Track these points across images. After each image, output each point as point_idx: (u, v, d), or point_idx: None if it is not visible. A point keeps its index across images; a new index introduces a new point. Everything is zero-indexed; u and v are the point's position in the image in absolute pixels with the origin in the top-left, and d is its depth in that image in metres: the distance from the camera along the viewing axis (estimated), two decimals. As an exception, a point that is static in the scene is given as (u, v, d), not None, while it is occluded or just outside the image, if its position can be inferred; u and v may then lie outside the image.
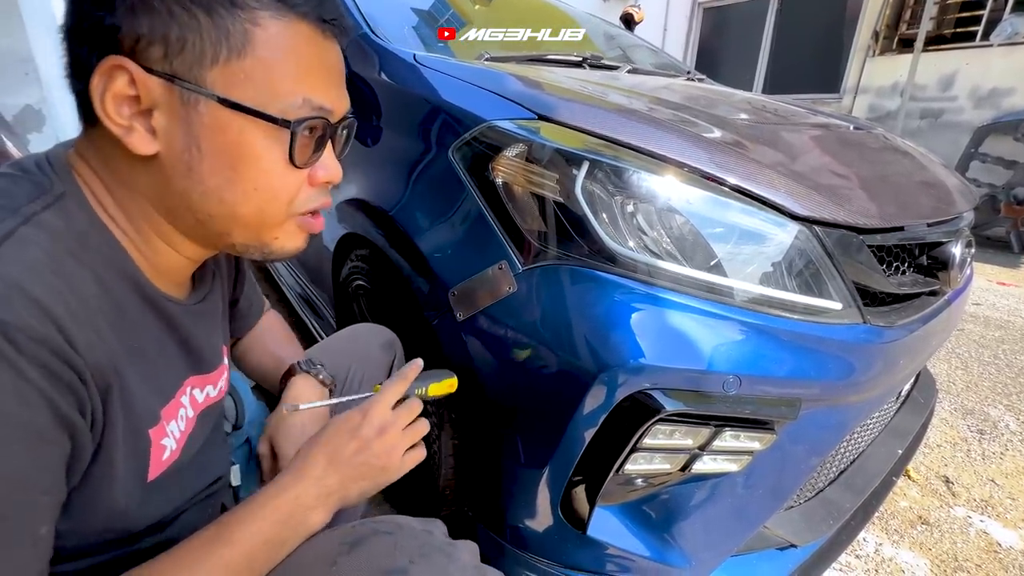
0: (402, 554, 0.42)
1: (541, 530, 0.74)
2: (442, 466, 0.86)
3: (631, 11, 4.69)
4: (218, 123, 0.36)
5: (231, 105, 0.36)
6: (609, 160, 0.68)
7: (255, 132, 0.37)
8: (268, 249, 0.43)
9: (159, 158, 0.36)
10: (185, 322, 0.44)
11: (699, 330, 0.64)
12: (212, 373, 0.50)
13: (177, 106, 0.35)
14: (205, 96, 0.35)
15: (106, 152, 0.37)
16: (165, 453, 0.43)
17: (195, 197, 0.38)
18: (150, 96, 0.35)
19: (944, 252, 0.86)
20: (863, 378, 0.72)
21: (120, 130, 0.35)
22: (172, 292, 0.44)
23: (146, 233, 0.40)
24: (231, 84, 0.36)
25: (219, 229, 0.40)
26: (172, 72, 0.35)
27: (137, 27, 0.33)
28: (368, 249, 1.02)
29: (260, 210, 0.40)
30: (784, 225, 0.68)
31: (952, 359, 1.98)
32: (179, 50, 0.34)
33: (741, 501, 0.73)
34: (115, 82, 0.34)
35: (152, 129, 0.36)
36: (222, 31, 0.35)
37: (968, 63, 4.15)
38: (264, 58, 0.36)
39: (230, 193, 0.38)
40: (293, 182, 0.41)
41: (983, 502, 1.24)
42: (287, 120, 0.38)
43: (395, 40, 1.09)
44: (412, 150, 0.90)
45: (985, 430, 1.53)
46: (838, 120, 1.22)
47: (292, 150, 0.39)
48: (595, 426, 0.65)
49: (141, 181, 0.38)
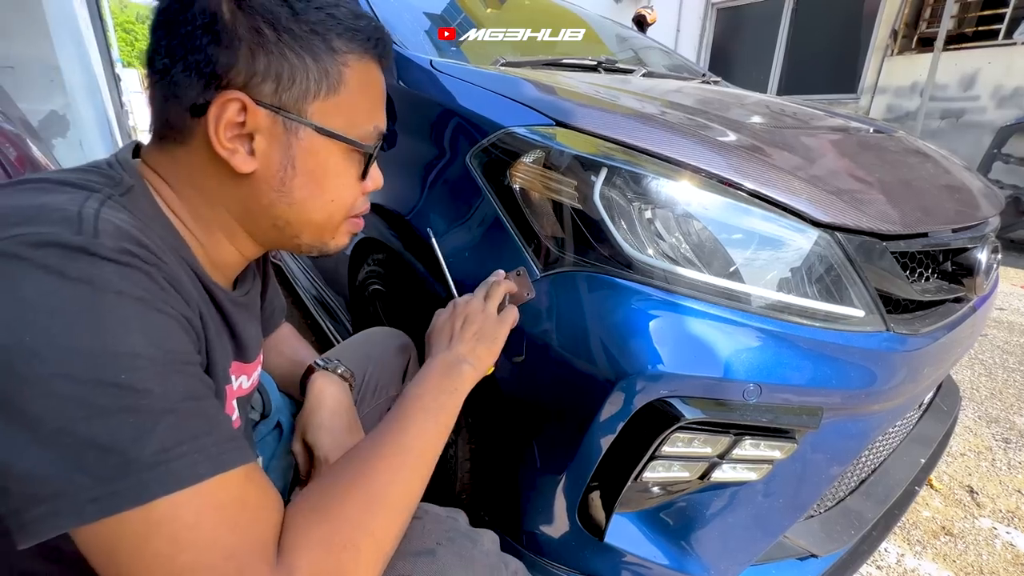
0: (430, 537, 0.46)
1: (558, 536, 0.74)
2: (458, 470, 0.87)
3: (644, 12, 4.67)
4: (312, 147, 0.43)
5: (327, 134, 0.43)
6: (627, 166, 0.68)
7: (339, 154, 0.45)
8: (325, 248, 0.50)
9: (253, 175, 0.42)
10: (232, 310, 0.47)
11: (719, 337, 0.63)
12: (251, 364, 0.53)
13: (279, 133, 0.41)
14: (306, 126, 0.42)
15: (189, 166, 0.42)
16: (234, 415, 0.47)
17: (281, 207, 0.44)
18: (255, 123, 0.40)
19: (969, 258, 0.84)
20: (886, 387, 0.71)
21: (226, 152, 0.40)
22: (221, 284, 0.47)
23: (213, 232, 0.45)
24: (327, 116, 0.43)
25: (292, 232, 0.47)
26: (280, 105, 0.41)
27: (253, 65, 0.39)
28: (385, 253, 1.03)
29: (330, 217, 0.47)
30: (805, 231, 0.67)
31: (976, 365, 1.93)
32: (289, 87, 0.41)
33: (761, 510, 0.72)
34: (227, 111, 0.39)
35: (251, 150, 0.41)
36: (322, 72, 0.42)
37: (990, 62, 4.06)
38: (352, 94, 0.44)
39: (312, 203, 0.45)
40: (357, 193, 0.49)
41: (1009, 513, 1.21)
42: (368, 146, 0.46)
43: (412, 46, 1.10)
44: (429, 155, 0.90)
45: (1011, 439, 1.49)
46: (857, 123, 1.20)
47: (366, 169, 0.48)
48: (613, 433, 0.65)
49: (229, 193, 0.43)
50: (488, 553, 0.48)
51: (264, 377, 0.72)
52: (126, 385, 0.30)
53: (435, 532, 0.47)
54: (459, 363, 0.56)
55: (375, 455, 0.43)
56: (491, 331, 0.61)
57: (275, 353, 0.74)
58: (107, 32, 5.24)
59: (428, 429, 0.48)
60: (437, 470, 0.56)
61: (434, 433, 0.48)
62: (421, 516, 0.49)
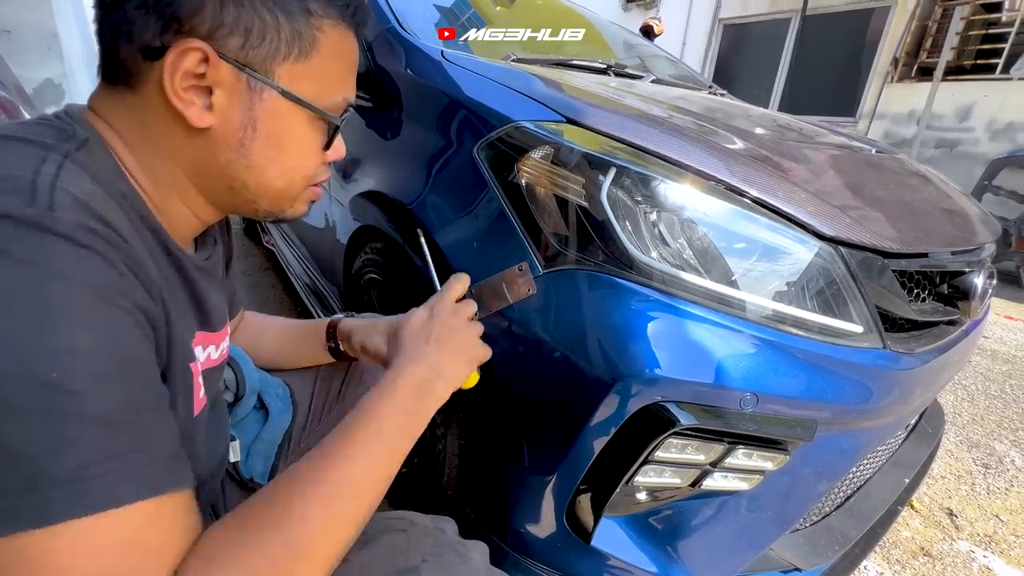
0: (415, 552, 0.43)
1: (544, 537, 0.73)
2: (446, 466, 0.85)
3: (651, 23, 4.69)
4: (276, 110, 0.40)
5: (293, 99, 0.40)
6: (636, 167, 0.67)
7: (304, 121, 0.42)
8: (283, 214, 0.48)
9: (209, 131, 0.39)
10: (195, 276, 0.45)
11: (719, 345, 0.63)
12: (217, 333, 0.51)
13: (242, 90, 0.39)
14: (272, 87, 0.39)
15: (141, 114, 0.38)
16: (200, 392, 0.45)
17: (238, 169, 0.41)
18: (216, 77, 0.37)
19: (966, 281, 0.85)
20: (880, 404, 0.71)
21: (181, 103, 0.37)
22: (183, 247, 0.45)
23: (166, 192, 0.41)
24: (295, 80, 0.40)
25: (249, 196, 0.44)
26: (246, 61, 0.38)
27: (221, 16, 0.36)
28: (383, 242, 1.02)
29: (290, 184, 0.45)
30: (809, 244, 0.67)
31: (958, 390, 1.96)
32: (257, 44, 0.38)
33: (749, 521, 0.72)
34: (187, 60, 0.36)
35: (209, 105, 0.38)
36: (295, 33, 0.39)
37: (987, 95, 4.15)
38: (323, 61, 0.41)
39: (271, 168, 0.42)
40: (318, 162, 0.46)
41: (987, 537, 1.22)
42: (335, 116, 0.44)
43: (422, 36, 1.09)
44: (435, 145, 0.89)
45: (991, 464, 1.51)
46: (860, 142, 1.21)
47: (331, 139, 0.45)
48: (607, 436, 0.64)
49: (181, 147, 0.40)
50: (477, 569, 0.45)
51: (239, 354, 0.70)
52: (55, 385, 0.26)
53: (421, 547, 0.44)
54: (433, 378, 0.49)
55: (311, 489, 0.37)
56: (473, 345, 0.55)
57: (270, 329, 0.72)
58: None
59: (379, 460, 0.42)
60: (424, 464, 0.55)
61: (386, 464, 0.42)
62: (406, 529, 0.46)
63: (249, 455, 0.66)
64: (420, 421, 0.47)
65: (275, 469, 0.67)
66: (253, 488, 0.65)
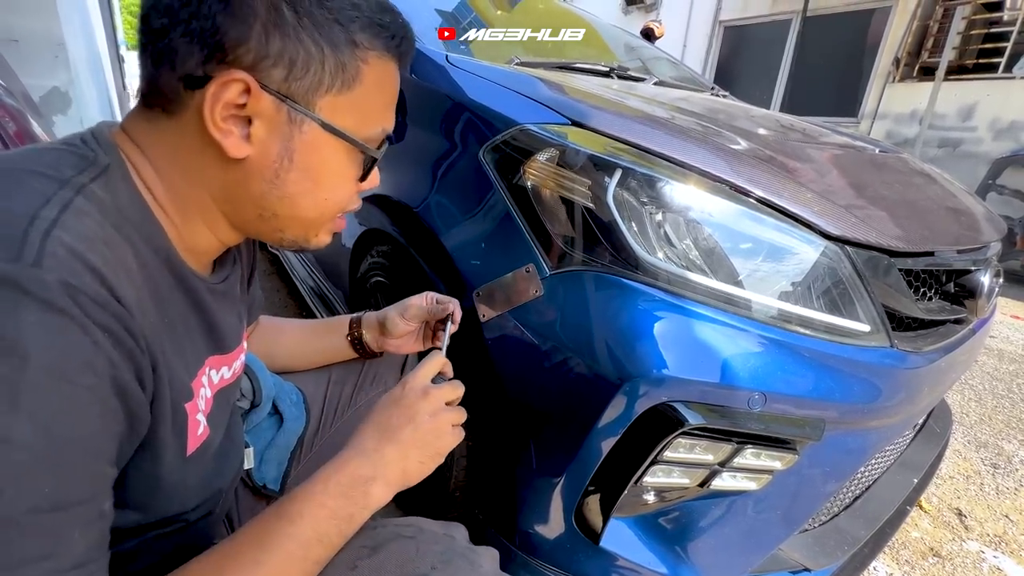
0: (424, 559, 0.42)
1: (552, 538, 0.73)
2: (454, 467, 0.86)
3: (652, 26, 4.71)
4: (315, 142, 0.40)
5: (334, 131, 0.40)
6: (642, 169, 0.68)
7: (341, 153, 0.42)
8: (306, 244, 0.46)
9: (245, 161, 0.38)
10: (208, 300, 0.45)
11: (726, 344, 0.63)
12: (230, 354, 0.51)
13: (282, 122, 0.38)
14: (312, 119, 0.39)
15: (174, 140, 0.38)
16: (200, 428, 0.44)
17: (270, 200, 0.41)
18: (256, 108, 0.37)
19: (972, 280, 0.85)
20: (888, 403, 0.71)
21: (219, 133, 0.36)
22: (198, 270, 0.45)
23: (191, 216, 0.41)
24: (336, 112, 0.40)
25: (277, 225, 0.43)
26: (288, 93, 0.37)
27: (266, 47, 0.36)
28: (390, 245, 1.02)
29: (321, 215, 0.44)
30: (815, 243, 0.67)
31: (965, 390, 1.95)
32: (300, 76, 0.37)
33: (758, 521, 0.71)
34: (229, 91, 0.35)
35: (247, 135, 0.38)
36: (339, 65, 0.38)
37: (989, 94, 4.14)
38: (366, 93, 0.41)
39: (304, 199, 0.42)
40: (353, 192, 0.46)
41: (997, 537, 1.21)
42: (373, 149, 0.43)
43: (427, 40, 1.10)
44: (440, 149, 0.90)
45: (999, 464, 1.50)
46: (863, 142, 1.21)
47: (367, 171, 0.45)
48: (615, 436, 0.64)
49: (213, 176, 0.39)
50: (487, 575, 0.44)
51: (254, 362, 0.70)
52: None
53: (430, 554, 0.43)
54: (372, 479, 0.43)
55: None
56: (439, 436, 0.48)
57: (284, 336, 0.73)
58: (113, 13, 5.21)
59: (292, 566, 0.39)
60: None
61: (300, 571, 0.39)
62: (415, 535, 0.45)
63: (262, 461, 0.66)
64: (348, 528, 0.42)
65: (287, 475, 0.67)
66: (266, 494, 0.66)
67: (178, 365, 0.39)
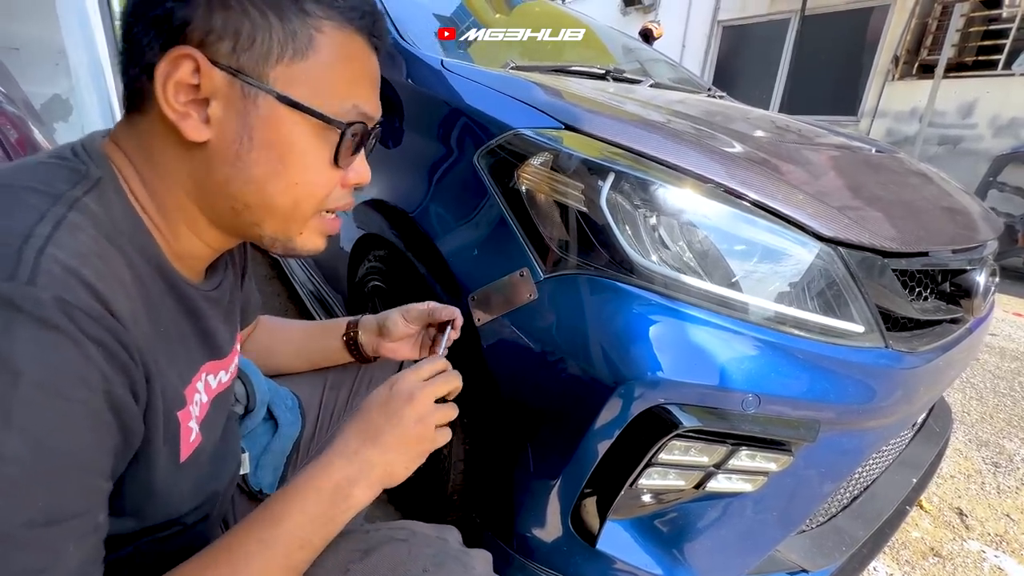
0: (416, 562, 0.42)
1: (549, 540, 0.73)
2: (451, 471, 0.86)
3: (650, 26, 4.71)
4: (273, 117, 0.38)
5: (289, 102, 0.38)
6: (635, 173, 0.68)
7: (306, 129, 0.39)
8: (292, 244, 0.44)
9: (206, 145, 0.38)
10: (202, 307, 0.45)
11: (719, 347, 0.63)
12: (225, 359, 0.51)
13: (236, 98, 0.37)
14: (265, 91, 0.37)
15: (148, 137, 0.38)
16: (192, 435, 0.44)
17: (236, 185, 0.39)
18: (211, 86, 0.36)
19: (968, 280, 0.85)
20: (883, 403, 0.71)
21: (176, 115, 0.36)
22: (190, 277, 0.45)
23: (174, 220, 0.41)
24: (291, 83, 0.38)
25: (252, 219, 0.41)
26: (238, 67, 0.36)
27: (210, 21, 0.35)
28: (386, 250, 1.03)
29: (296, 203, 0.41)
30: (809, 245, 0.67)
31: (967, 389, 1.94)
32: (247, 47, 0.36)
33: (754, 523, 0.72)
34: (180, 70, 0.35)
35: (206, 118, 0.37)
36: (289, 33, 0.37)
37: (989, 91, 4.14)
38: (323, 63, 0.39)
39: (272, 184, 0.40)
40: (330, 180, 0.43)
41: (998, 537, 1.21)
42: (340, 121, 0.40)
43: (423, 46, 1.11)
44: (436, 154, 0.91)
45: (1000, 463, 1.50)
46: (860, 142, 1.21)
47: (338, 150, 0.41)
48: (610, 439, 0.65)
49: (181, 167, 0.39)
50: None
51: (248, 367, 0.71)
52: None
53: (422, 557, 0.43)
54: (355, 480, 0.43)
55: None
56: (424, 437, 0.47)
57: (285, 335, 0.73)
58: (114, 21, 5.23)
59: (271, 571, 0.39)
60: (429, 469, 0.55)
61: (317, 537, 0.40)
62: (407, 538, 0.45)
63: (258, 467, 0.66)
64: (329, 530, 0.42)
65: (284, 480, 0.67)
66: (262, 499, 0.66)
67: (171, 374, 0.40)
